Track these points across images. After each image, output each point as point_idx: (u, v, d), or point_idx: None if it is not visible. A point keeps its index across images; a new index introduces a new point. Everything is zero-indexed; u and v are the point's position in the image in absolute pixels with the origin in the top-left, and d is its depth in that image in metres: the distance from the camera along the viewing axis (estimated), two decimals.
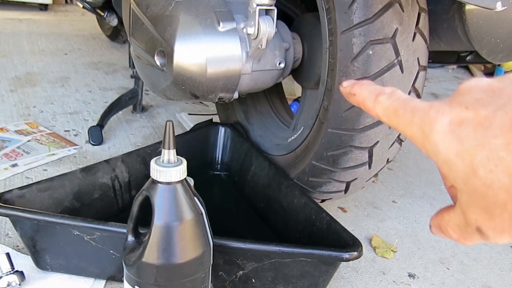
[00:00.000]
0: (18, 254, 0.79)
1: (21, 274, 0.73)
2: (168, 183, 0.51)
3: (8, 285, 0.71)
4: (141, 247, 0.52)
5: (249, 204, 0.97)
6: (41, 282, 0.74)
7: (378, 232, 0.96)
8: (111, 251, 0.71)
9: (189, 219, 0.52)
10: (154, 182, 0.52)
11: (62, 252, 0.73)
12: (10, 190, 0.75)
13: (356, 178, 0.83)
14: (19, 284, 0.72)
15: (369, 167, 0.81)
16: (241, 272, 0.71)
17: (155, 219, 0.51)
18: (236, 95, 0.90)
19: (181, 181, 0.52)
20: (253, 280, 0.71)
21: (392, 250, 0.89)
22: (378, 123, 0.75)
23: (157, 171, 0.51)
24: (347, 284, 0.80)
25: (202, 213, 0.54)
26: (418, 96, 0.79)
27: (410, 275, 0.84)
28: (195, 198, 0.54)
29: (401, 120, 0.28)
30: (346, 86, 0.33)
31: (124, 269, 0.54)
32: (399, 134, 0.80)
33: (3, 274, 0.72)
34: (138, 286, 0.52)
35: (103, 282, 0.75)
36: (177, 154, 0.53)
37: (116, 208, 0.88)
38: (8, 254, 0.74)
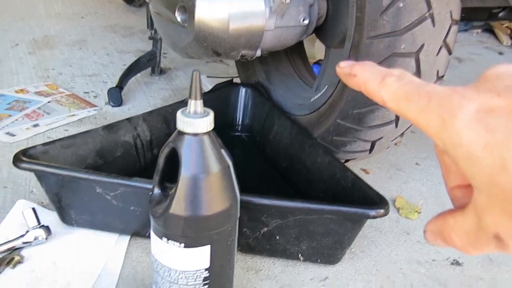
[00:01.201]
0: (44, 210, 0.80)
1: (47, 228, 0.73)
2: (195, 135, 0.50)
3: (35, 239, 0.72)
4: (168, 199, 0.52)
5: (271, 164, 0.96)
6: (66, 237, 0.75)
7: (401, 193, 0.94)
8: (135, 207, 0.71)
9: (217, 171, 0.51)
10: (181, 133, 0.51)
11: (87, 208, 0.73)
12: (34, 146, 0.75)
13: (382, 137, 0.81)
14: (46, 239, 0.73)
15: (396, 125, 0.79)
16: (265, 229, 0.70)
17: (182, 171, 0.50)
18: (258, 53, 0.87)
19: (208, 133, 0.51)
20: (277, 237, 0.71)
21: (416, 211, 0.88)
22: None
23: (183, 122, 0.50)
24: (371, 243, 0.80)
25: (229, 165, 0.53)
26: (449, 51, 0.76)
27: None
28: (222, 150, 0.53)
29: (414, 106, 0.24)
30: (344, 66, 0.29)
31: (151, 221, 0.54)
32: None
33: (29, 228, 0.73)
34: (165, 237, 0.52)
35: (127, 237, 0.76)
36: None
37: (138, 167, 0.88)
38: (34, 209, 0.75)
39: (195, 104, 0.50)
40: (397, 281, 0.72)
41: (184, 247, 0.52)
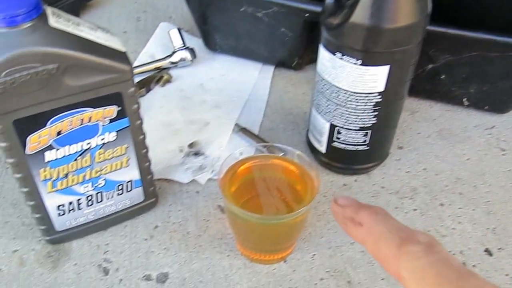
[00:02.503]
0: (186, 35, 0.77)
1: (192, 51, 0.71)
2: None
3: (181, 60, 0.71)
4: (348, 7, 0.44)
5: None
6: (211, 62, 0.73)
7: None
8: (285, 29, 0.65)
9: None
10: None
11: (232, 32, 0.69)
12: None
13: None
14: (191, 61, 0.71)
15: None
16: (430, 66, 0.62)
17: None
18: None
19: None
20: (442, 77, 0.63)
21: None
22: None
23: None
24: None
25: None
26: None
27: None
28: None
29: None
30: (345, 205, 0.20)
31: (323, 35, 0.48)
32: None
33: (175, 49, 0.71)
34: (340, 52, 0.46)
35: (272, 67, 0.72)
36: None
37: None
38: (179, 29, 0.72)
39: None
40: None
41: (361, 64, 0.46)
